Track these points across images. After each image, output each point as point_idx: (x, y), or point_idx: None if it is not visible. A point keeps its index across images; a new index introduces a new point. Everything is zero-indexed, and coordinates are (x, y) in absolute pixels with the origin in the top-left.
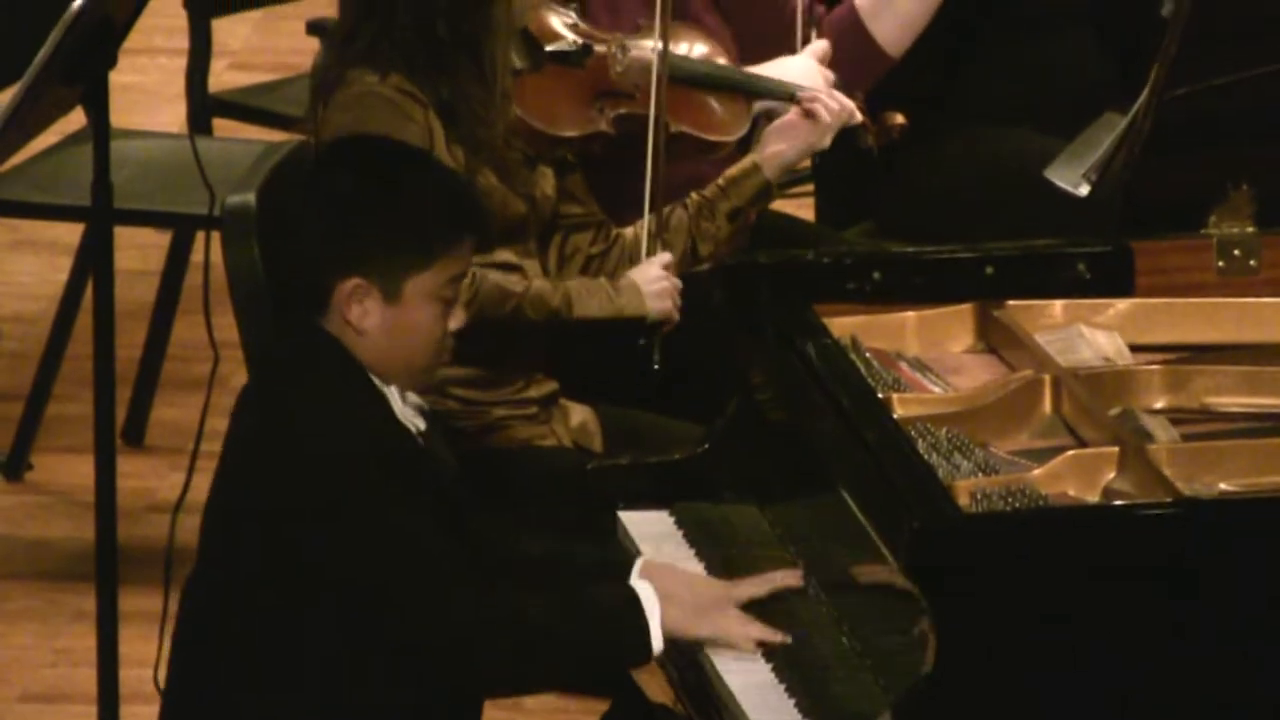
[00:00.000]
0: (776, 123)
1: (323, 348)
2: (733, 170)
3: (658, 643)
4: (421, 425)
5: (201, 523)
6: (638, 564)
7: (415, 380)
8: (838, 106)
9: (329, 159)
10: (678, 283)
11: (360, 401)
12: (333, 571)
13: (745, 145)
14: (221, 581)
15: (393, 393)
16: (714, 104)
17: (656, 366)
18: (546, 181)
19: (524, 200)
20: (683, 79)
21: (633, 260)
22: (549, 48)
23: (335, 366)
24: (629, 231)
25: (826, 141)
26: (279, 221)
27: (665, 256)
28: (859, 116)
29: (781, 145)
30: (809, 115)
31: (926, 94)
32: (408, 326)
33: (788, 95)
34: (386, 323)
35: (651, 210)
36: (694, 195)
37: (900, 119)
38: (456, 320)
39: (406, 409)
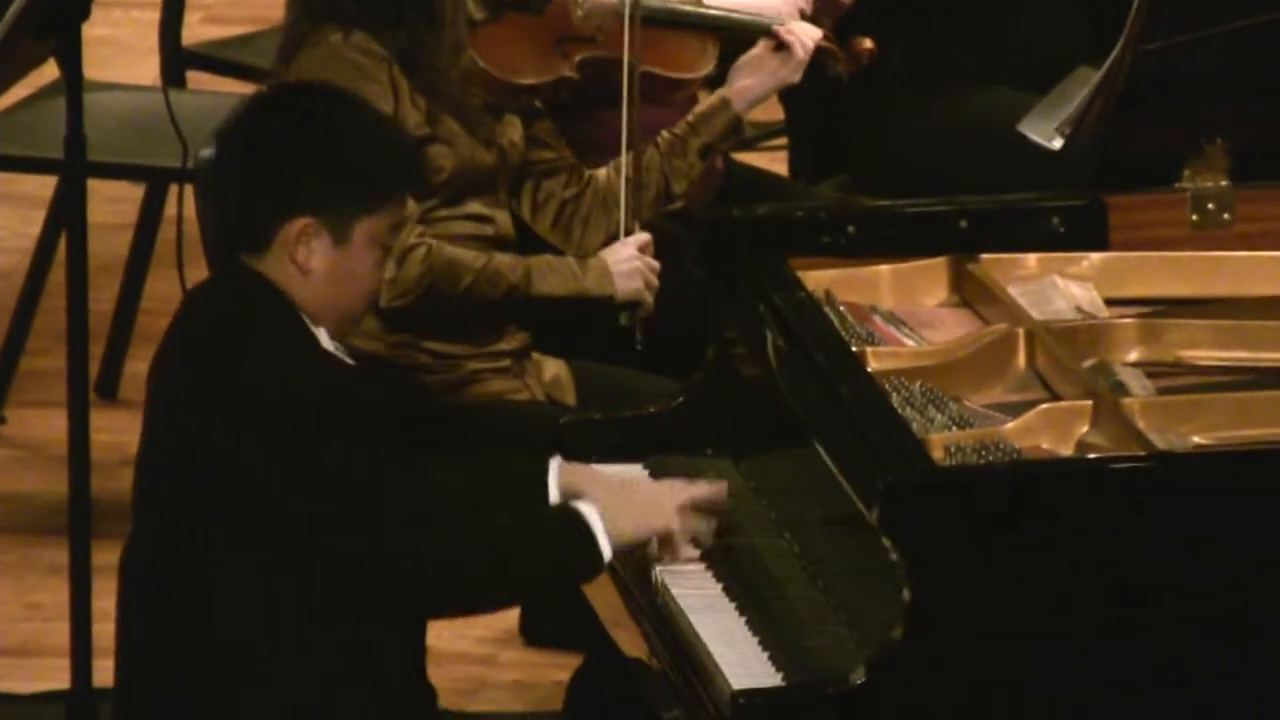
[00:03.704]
0: (745, 57)
1: (255, 287)
2: (702, 106)
3: (607, 550)
4: (350, 363)
5: (142, 480)
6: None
7: (343, 327)
8: (809, 40)
9: (271, 102)
10: (653, 263)
11: (293, 338)
12: (280, 500)
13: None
14: (175, 543)
15: (321, 333)
16: (678, 42)
17: (639, 348)
18: (514, 130)
19: (492, 150)
20: (648, 19)
21: (606, 203)
22: None
23: (268, 304)
24: (601, 173)
25: (797, 76)
26: (221, 161)
27: (642, 237)
28: (824, 41)
29: (750, 80)
30: (780, 48)
31: (903, 62)
32: (351, 270)
33: (755, 30)
34: (332, 265)
35: (626, 161)
36: (665, 134)
37: (869, 44)
38: (389, 271)
39: (336, 348)
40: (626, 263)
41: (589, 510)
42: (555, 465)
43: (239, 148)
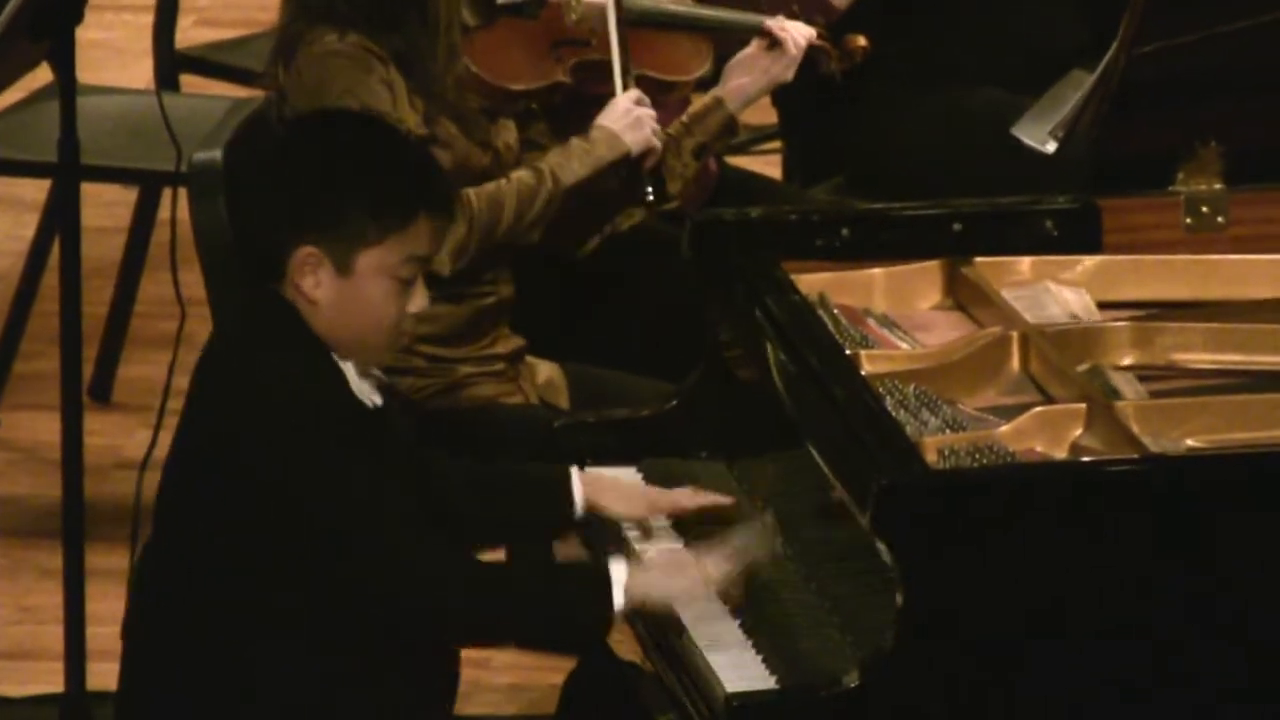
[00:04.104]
0: (738, 56)
1: (280, 316)
2: (696, 106)
3: (619, 600)
4: (378, 400)
5: (159, 491)
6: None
7: (370, 358)
8: (802, 37)
9: (296, 128)
10: (650, 110)
11: (316, 368)
12: (299, 526)
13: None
14: (184, 548)
15: (349, 367)
16: (672, 44)
17: (651, 197)
18: (509, 133)
19: (487, 153)
20: (640, 21)
21: None
22: (501, 0)
23: (291, 334)
24: None
25: (789, 74)
26: (240, 188)
27: (633, 92)
28: (817, 39)
29: (744, 78)
30: (773, 47)
31: (898, 62)
32: (359, 301)
33: (748, 29)
34: (338, 295)
35: (615, 33)
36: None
37: (862, 41)
38: (417, 304)
39: (363, 384)
40: (626, 116)
41: (616, 576)
42: (576, 477)
43: (250, 174)
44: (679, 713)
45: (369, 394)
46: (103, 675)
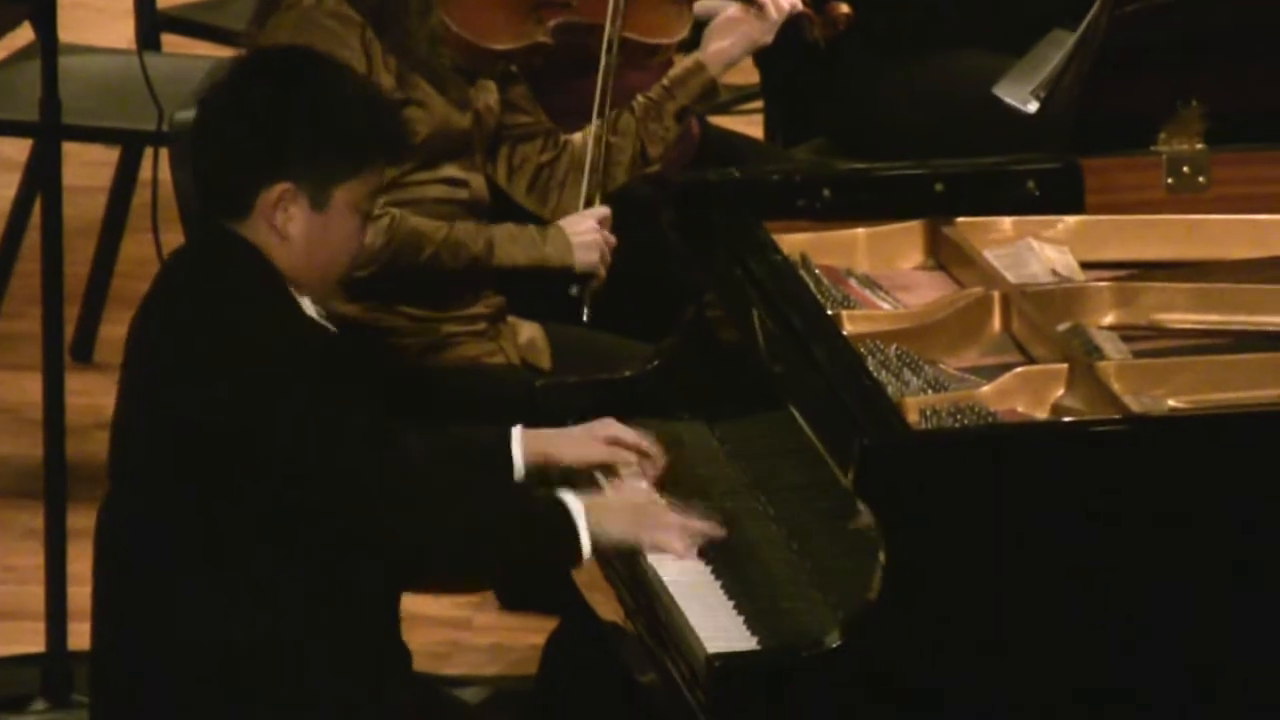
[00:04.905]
0: (719, 18)
1: (238, 250)
2: (677, 70)
3: (587, 548)
4: (333, 329)
5: (111, 442)
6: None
7: (323, 293)
8: (784, 1)
9: (253, 67)
10: (610, 238)
11: (276, 298)
12: (256, 456)
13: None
14: (143, 496)
15: (305, 302)
16: (654, 7)
17: (585, 320)
18: (489, 94)
19: (467, 113)
20: None
21: (583, 168)
22: None
23: (251, 267)
24: (578, 137)
25: (769, 37)
26: (202, 127)
27: (602, 210)
28: (800, 6)
29: (725, 41)
30: (754, 10)
31: (880, 24)
32: (330, 235)
33: None
34: (311, 230)
35: (599, 118)
36: (640, 98)
37: (846, 8)
38: (370, 236)
39: (319, 315)
40: (586, 235)
41: (575, 507)
42: (518, 435)
43: (219, 113)
44: (660, 673)
45: (326, 324)
46: (84, 635)
